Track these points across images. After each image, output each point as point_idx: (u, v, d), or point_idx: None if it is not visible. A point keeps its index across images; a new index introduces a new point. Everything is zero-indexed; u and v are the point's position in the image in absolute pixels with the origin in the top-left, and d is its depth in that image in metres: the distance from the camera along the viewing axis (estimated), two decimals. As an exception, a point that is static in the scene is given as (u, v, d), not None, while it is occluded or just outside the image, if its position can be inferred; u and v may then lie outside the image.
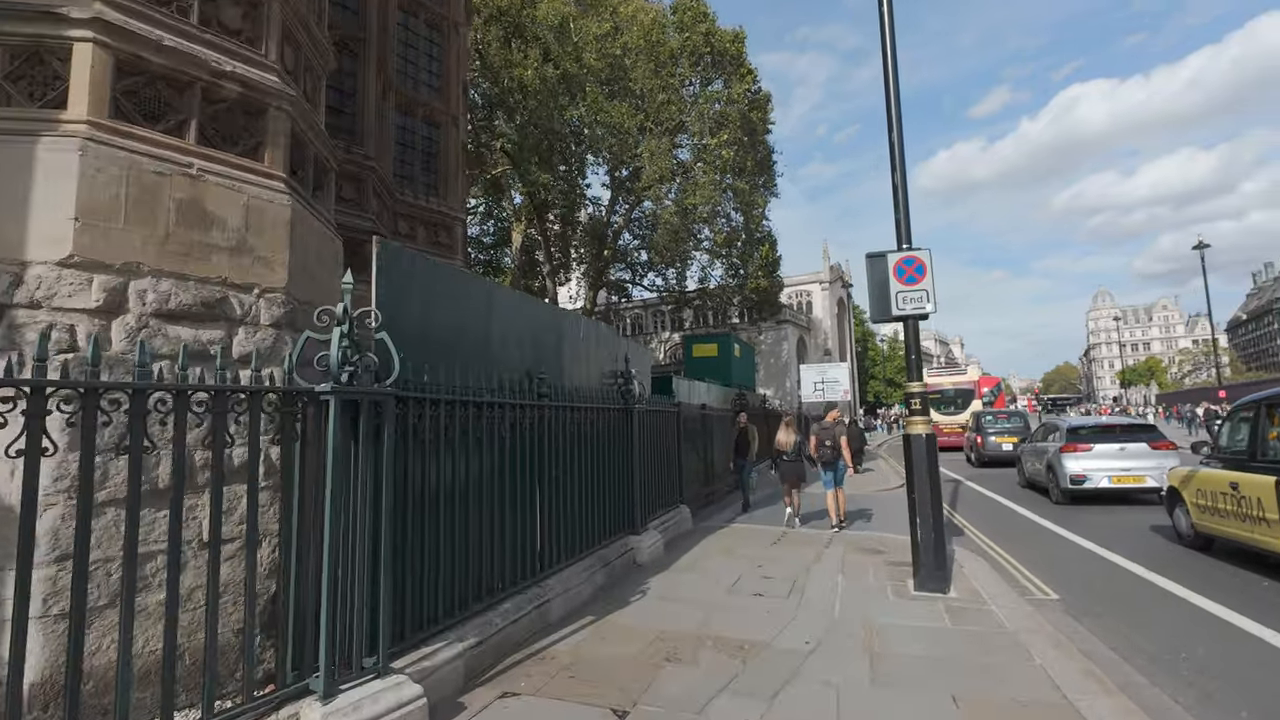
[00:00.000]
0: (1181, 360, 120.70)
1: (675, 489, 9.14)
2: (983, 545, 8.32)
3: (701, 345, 30.75)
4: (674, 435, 9.37)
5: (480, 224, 45.70)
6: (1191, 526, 7.33)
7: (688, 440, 10.46)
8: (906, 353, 5.84)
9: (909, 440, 5.74)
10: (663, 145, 28.56)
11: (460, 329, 4.42)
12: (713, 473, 12.09)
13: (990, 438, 18.43)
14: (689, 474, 10.26)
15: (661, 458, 8.53)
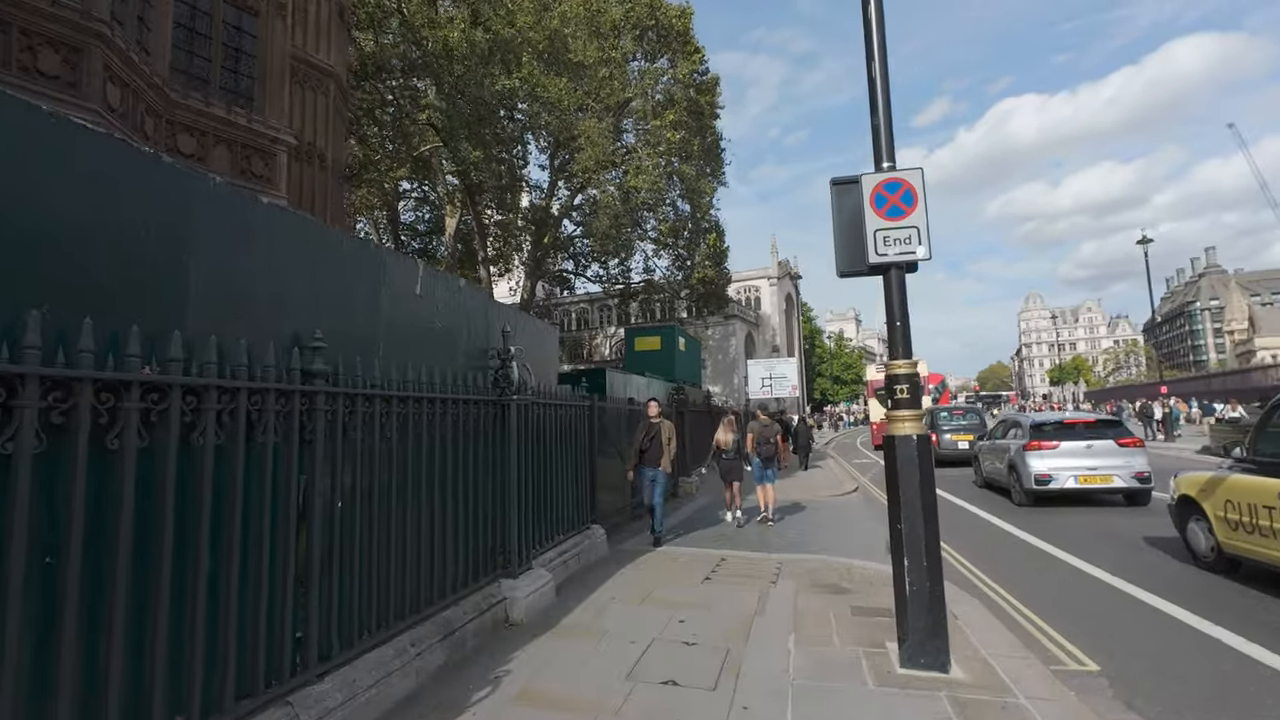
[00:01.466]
0: (1106, 359, 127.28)
1: (585, 505, 7.19)
2: (965, 572, 6.69)
3: (644, 338, 28.87)
4: (586, 437, 7.41)
5: (415, 210, 42.69)
6: (1215, 546, 5.89)
7: (609, 443, 8.52)
8: (890, 319, 4.04)
9: (892, 444, 3.94)
10: (604, 126, 26.49)
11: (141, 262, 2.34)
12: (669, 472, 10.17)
13: (946, 436, 17.28)
14: (607, 485, 8.33)
15: (564, 467, 6.56)
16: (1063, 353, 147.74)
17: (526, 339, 6.37)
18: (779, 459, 9.87)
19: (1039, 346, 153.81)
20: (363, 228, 37.50)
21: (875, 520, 9.71)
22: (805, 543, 8.08)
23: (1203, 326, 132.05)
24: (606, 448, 8.66)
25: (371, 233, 37.34)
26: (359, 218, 35.54)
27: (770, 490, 9.66)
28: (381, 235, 37.24)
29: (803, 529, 9.07)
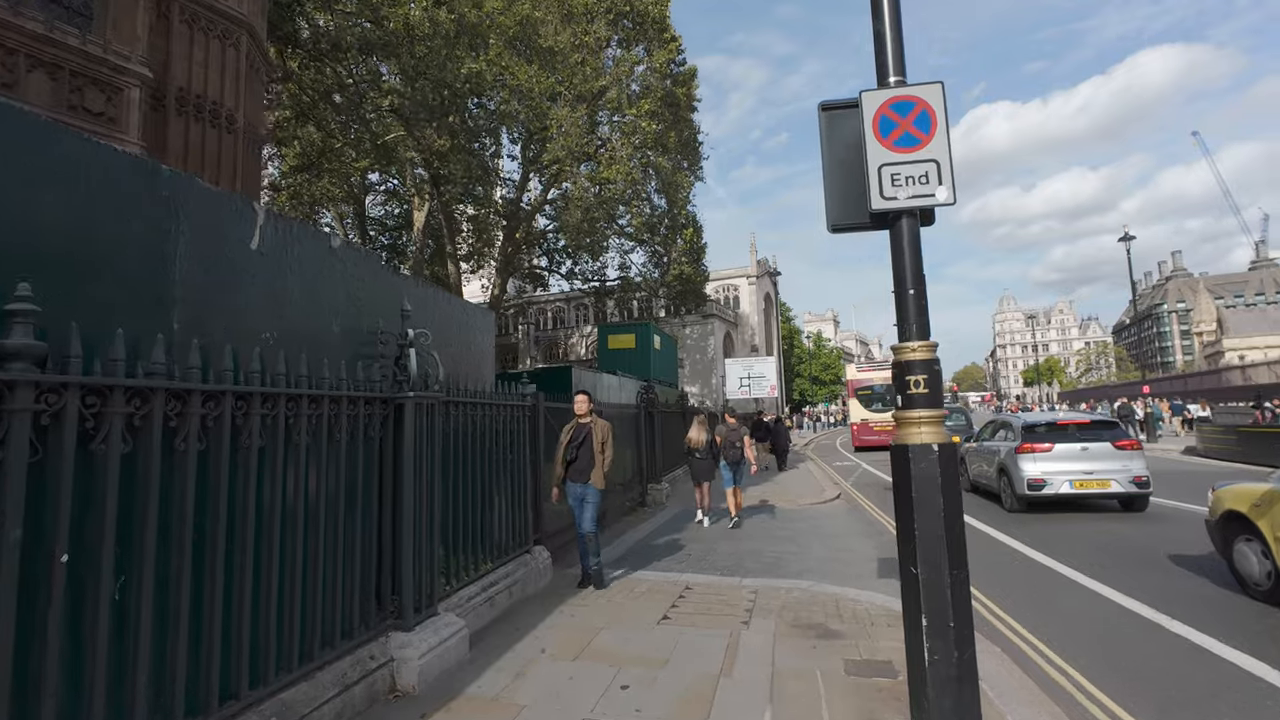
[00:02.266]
0: (1079, 361, 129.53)
1: (525, 525, 6.04)
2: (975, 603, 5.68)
3: (617, 336, 27.68)
4: (527, 443, 6.26)
5: (384, 205, 41.11)
6: (1273, 572, 4.95)
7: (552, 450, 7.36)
8: (899, 286, 2.97)
9: (905, 458, 2.86)
10: (577, 115, 25.29)
11: None
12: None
13: (930, 437, 16.42)
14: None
15: (496, 480, 5.41)
16: (1036, 354, 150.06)
17: (448, 325, 5.21)
18: (747, 461, 9.77)
19: (1013, 348, 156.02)
20: (326, 222, 35.84)
21: (863, 535, 8.71)
22: (784, 562, 7.02)
23: (1170, 328, 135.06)
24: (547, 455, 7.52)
25: (336, 227, 35.70)
26: (323, 210, 33.81)
27: (738, 494, 9.55)
28: (348, 230, 35.60)
29: (782, 544, 8.02)
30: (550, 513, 6.96)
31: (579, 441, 6.03)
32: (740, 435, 9.82)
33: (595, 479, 5.95)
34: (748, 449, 9.82)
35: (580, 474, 5.98)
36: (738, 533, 8.92)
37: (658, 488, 11.86)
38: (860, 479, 15.89)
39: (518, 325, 56.96)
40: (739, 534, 8.82)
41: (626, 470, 11.17)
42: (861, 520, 9.95)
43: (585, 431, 6.07)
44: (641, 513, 10.86)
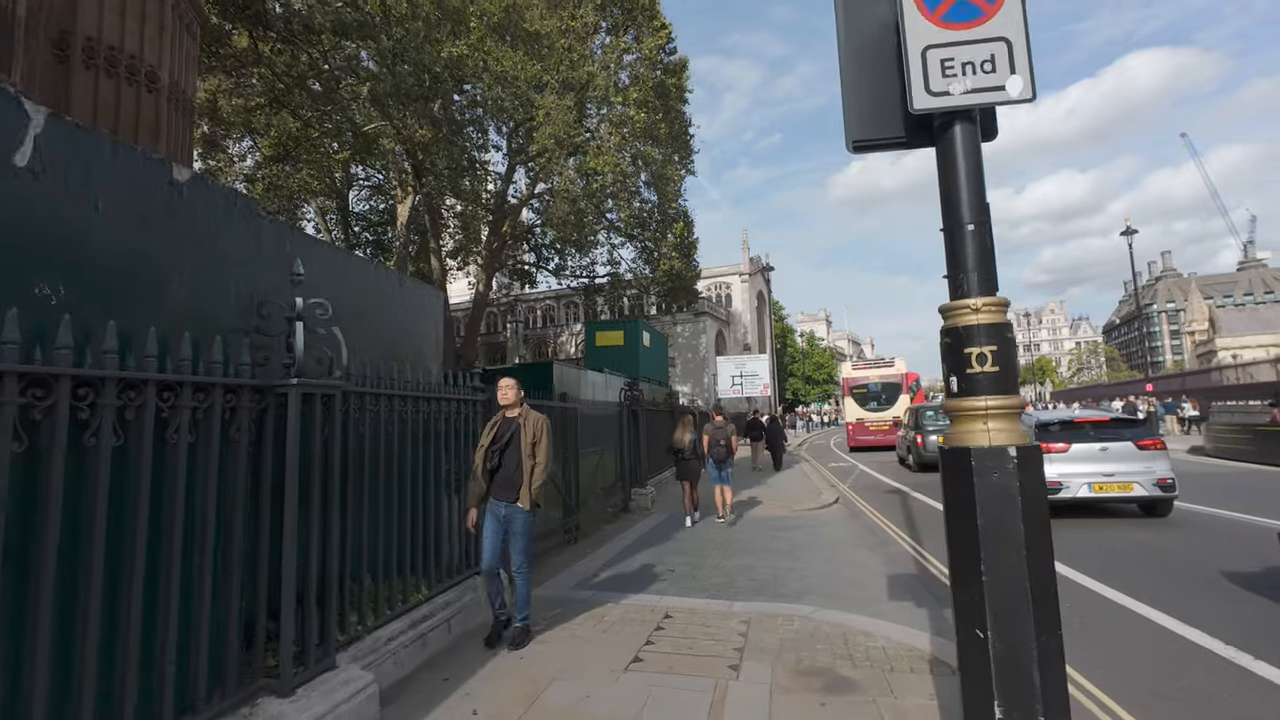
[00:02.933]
0: (1071, 360, 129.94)
1: (464, 545, 5.09)
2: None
3: (605, 332, 26.77)
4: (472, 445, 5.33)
5: (368, 199, 40.05)
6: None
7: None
8: (951, 221, 2.07)
9: (963, 465, 1.94)
10: (565, 103, 24.32)
11: None
12: (574, 497, 8.12)
13: (931, 437, 15.60)
14: None
15: (432, 490, 4.48)
16: (1027, 353, 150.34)
17: (371, 299, 4.28)
18: (731, 455, 9.71)
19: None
20: (309, 218, 34.75)
21: (866, 545, 7.82)
22: (781, 580, 6.12)
23: (1159, 328, 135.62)
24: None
25: (318, 222, 34.61)
26: (303, 203, 32.61)
27: (727, 491, 9.55)
28: (331, 227, 34.49)
29: (777, 558, 7.12)
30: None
31: (503, 443, 4.40)
32: (727, 433, 9.75)
33: (521, 497, 4.31)
34: (734, 446, 9.80)
35: (505, 488, 4.33)
36: (728, 543, 8.03)
37: (642, 492, 10.95)
38: (858, 481, 15.05)
39: (506, 323, 55.87)
40: (729, 544, 7.92)
41: (608, 475, 10.25)
42: (862, 528, 9.07)
43: (513, 429, 4.44)
44: (624, 520, 9.94)
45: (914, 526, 8.99)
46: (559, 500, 7.63)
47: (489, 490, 4.38)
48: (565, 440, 7.96)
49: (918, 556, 7.19)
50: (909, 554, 7.36)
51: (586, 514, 8.67)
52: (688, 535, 8.66)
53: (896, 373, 25.27)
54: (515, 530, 4.30)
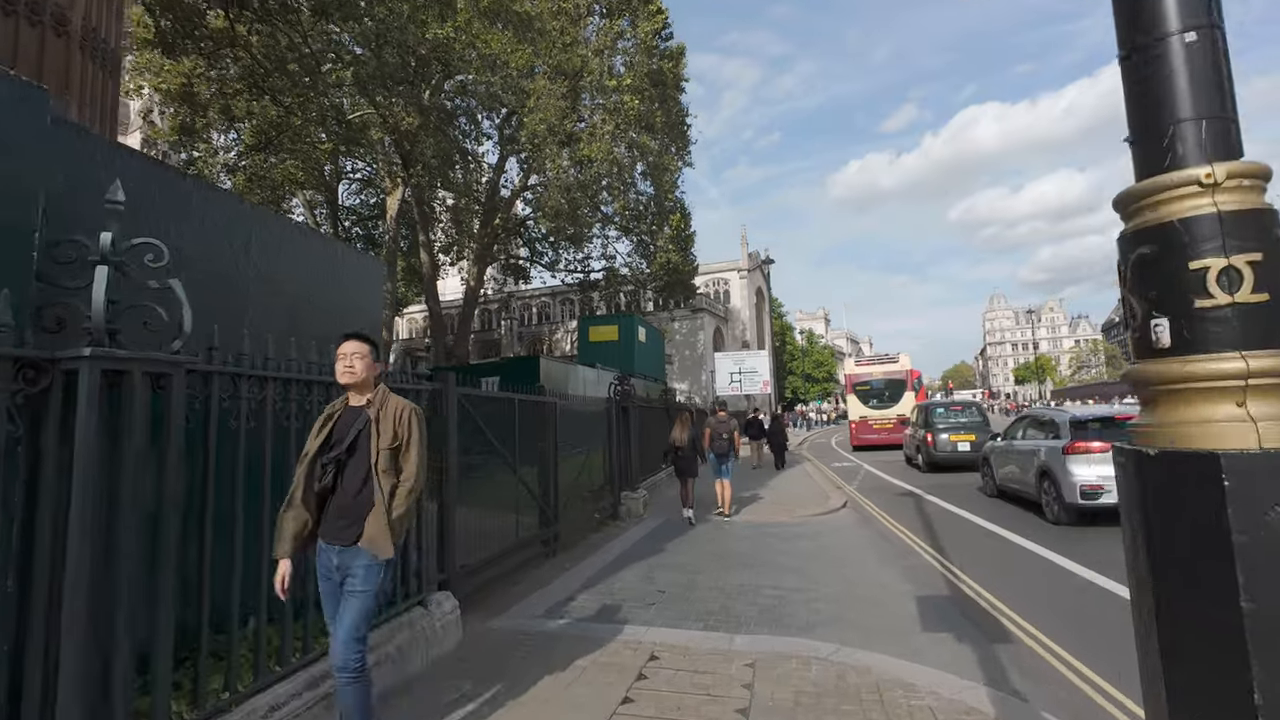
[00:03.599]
0: (1072, 358, 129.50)
1: (418, 562, 4.16)
2: (1063, 669, 3.87)
3: (599, 328, 25.86)
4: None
5: (359, 193, 39.11)
6: None
7: (480, 454, 5.51)
8: (1140, 27, 1.12)
9: (1208, 479, 0.99)
10: (556, 87, 23.33)
11: None
12: (553, 505, 7.17)
13: (942, 435, 14.70)
14: (494, 506, 5.34)
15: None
16: (1026, 352, 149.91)
17: (280, 257, 3.35)
18: (735, 451, 9.87)
19: (1003, 346, 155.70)
20: (297, 210, 33.74)
21: (883, 557, 6.89)
22: (789, 604, 5.20)
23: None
24: (487, 457, 5.67)
25: (307, 216, 33.60)
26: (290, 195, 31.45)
27: (728, 486, 9.64)
28: (320, 221, 33.49)
29: (783, 573, 6.19)
30: (471, 535, 5.10)
31: (346, 445, 2.65)
32: (729, 428, 9.78)
33: (375, 534, 2.57)
34: (736, 441, 9.82)
35: (341, 522, 2.62)
36: (727, 555, 7.11)
37: (633, 496, 10.01)
38: (865, 483, 14.14)
39: (500, 320, 54.87)
40: (728, 556, 7.00)
41: (595, 477, 9.33)
42: (876, 536, 8.15)
43: (358, 426, 2.69)
44: (612, 528, 9.01)
45: (934, 535, 8.07)
46: (535, 507, 6.69)
47: (317, 525, 2.66)
48: (544, 440, 7.03)
49: (945, 572, 6.27)
50: (934, 569, 6.44)
51: (569, 521, 7.75)
52: (682, 545, 7.74)
53: (901, 369, 24.37)
54: (352, 589, 2.57)
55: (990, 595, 5.43)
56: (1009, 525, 8.32)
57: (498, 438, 5.75)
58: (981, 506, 9.97)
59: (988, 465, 10.91)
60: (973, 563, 6.54)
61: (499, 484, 5.82)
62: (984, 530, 8.28)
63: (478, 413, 5.27)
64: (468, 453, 5.15)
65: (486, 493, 5.58)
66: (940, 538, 7.88)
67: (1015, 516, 8.93)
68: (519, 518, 6.05)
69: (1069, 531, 7.77)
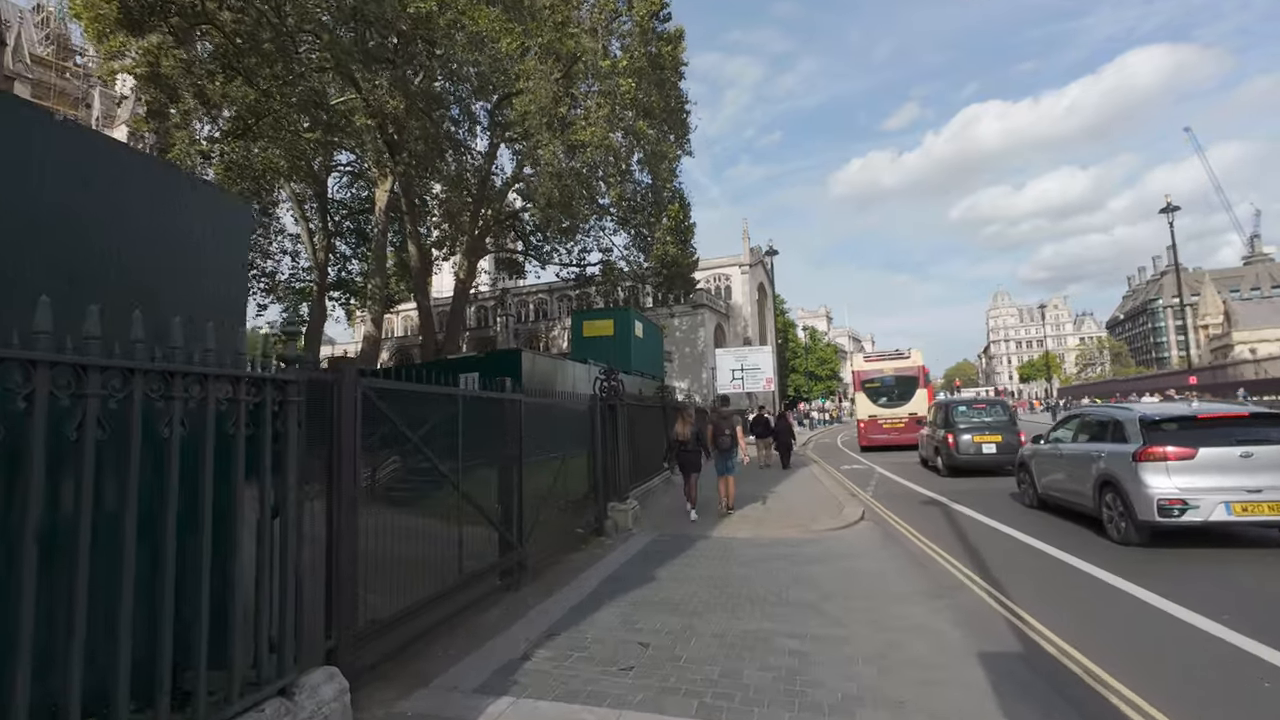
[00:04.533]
0: (1079, 356, 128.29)
1: (277, 635, 2.84)
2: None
3: (594, 322, 24.51)
4: (284, 465, 3.07)
5: (349, 186, 37.89)
6: None
7: (409, 466, 4.20)
8: None
9: None
10: (547, 68, 21.97)
11: None
12: (517, 526, 5.85)
13: (964, 436, 13.38)
14: (388, 554, 3.99)
15: (144, 549, 2.23)
16: (1030, 349, 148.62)
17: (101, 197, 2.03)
18: (740, 451, 9.91)
19: (1006, 344, 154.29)
20: (284, 203, 32.41)
21: (927, 593, 5.55)
22: (814, 667, 3.88)
23: (1165, 324, 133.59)
24: (418, 469, 4.36)
25: (293, 208, 32.23)
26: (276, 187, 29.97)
27: (731, 482, 9.64)
28: (310, 215, 32.15)
29: (802, 616, 4.89)
30: (389, 574, 3.80)
31: None
32: (732, 424, 9.77)
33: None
34: (740, 438, 9.81)
35: None
36: (730, 585, 5.80)
37: (622, 508, 8.70)
38: (881, 488, 12.83)
39: (496, 317, 53.59)
40: (732, 587, 5.69)
41: (577, 486, 8.03)
42: (908, 559, 6.83)
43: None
44: (595, 547, 7.71)
45: (977, 557, 6.75)
46: (491, 531, 5.38)
47: None
48: (507, 446, 5.73)
49: (1007, 615, 4.96)
50: (991, 609, 5.12)
51: (543, 541, 6.45)
52: (677, 570, 6.43)
53: (912, 365, 23.04)
54: None
55: (1078, 653, 4.11)
56: (1064, 545, 7.01)
57: (437, 444, 4.45)
58: (1023, 519, 8.66)
59: (1025, 471, 9.60)
60: (1038, 600, 5.23)
61: (435, 504, 4.52)
62: (1035, 551, 6.97)
63: (398, 412, 3.97)
64: (386, 465, 3.85)
65: (415, 516, 4.28)
66: (986, 561, 6.57)
67: (1068, 533, 7.63)
68: (464, 547, 4.73)
69: (1142, 555, 6.46)
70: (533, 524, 6.21)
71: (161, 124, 22.08)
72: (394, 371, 20.26)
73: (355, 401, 3.43)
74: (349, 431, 3.36)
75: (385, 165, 25.62)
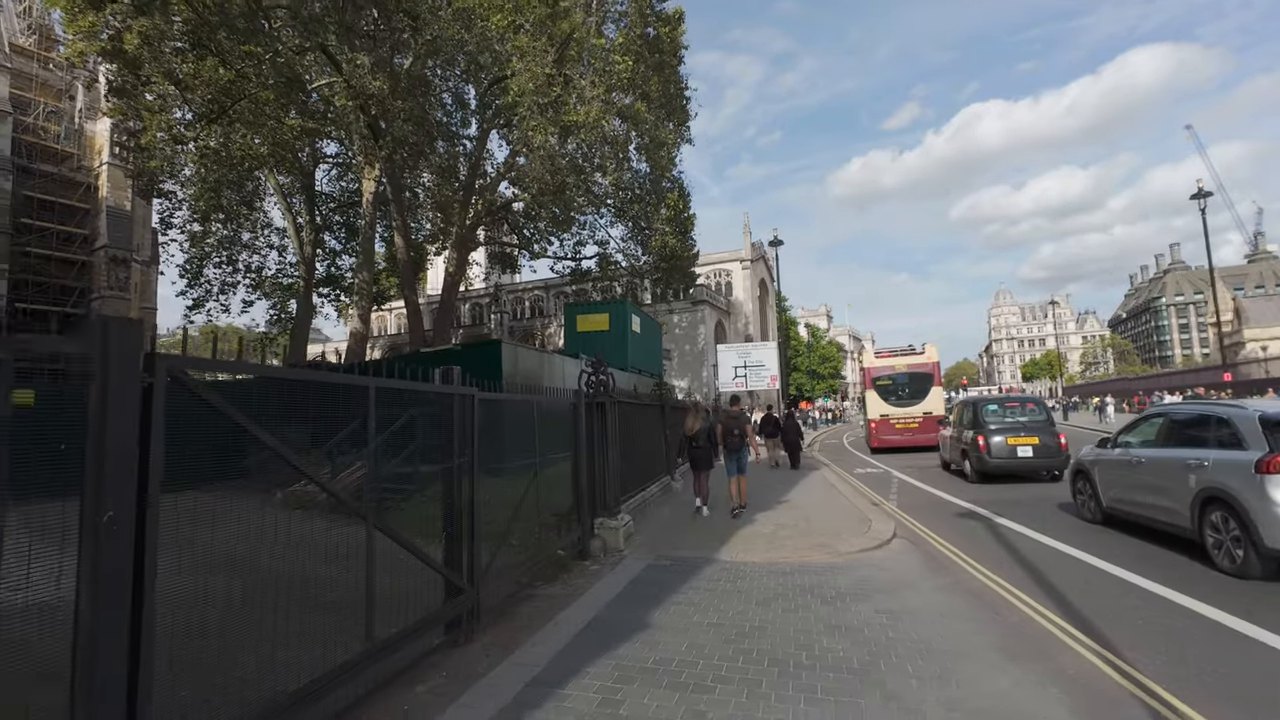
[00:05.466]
0: (1085, 353, 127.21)
1: None
2: None
3: (588, 316, 23.10)
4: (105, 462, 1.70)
5: (341, 178, 36.45)
6: None
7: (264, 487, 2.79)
8: None
9: None
10: (539, 45, 20.54)
11: None
12: (469, 563, 4.44)
13: (997, 438, 11.98)
14: (229, 637, 2.58)
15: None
16: (1032, 348, 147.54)
17: None
18: (749, 449, 9.78)
19: (1008, 343, 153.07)
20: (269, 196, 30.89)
21: (1013, 653, 4.08)
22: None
23: (1168, 322, 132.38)
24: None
25: (279, 200, 30.70)
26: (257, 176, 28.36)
27: (743, 481, 9.36)
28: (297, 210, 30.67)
29: (851, 692, 3.50)
30: (239, 654, 2.41)
31: None
32: (741, 423, 9.64)
33: None
34: (750, 436, 9.81)
35: None
36: (747, 637, 4.42)
37: (611, 525, 7.31)
38: (905, 497, 11.45)
39: (490, 314, 52.16)
40: (749, 639, 4.32)
41: (555, 499, 6.66)
42: (966, 594, 5.44)
43: None
44: (577, 574, 6.31)
45: (1057, 595, 5.36)
46: (427, 573, 3.99)
47: None
48: (452, 457, 4.34)
49: (1138, 692, 3.57)
50: (1113, 683, 3.72)
51: (512, 568, 5.07)
52: (676, 612, 5.05)
53: (927, 361, 21.65)
54: None
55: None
56: (1161, 577, 5.63)
57: (339, 457, 3.07)
58: (1089, 539, 7.28)
59: (1084, 480, 8.21)
60: (1169, 664, 3.85)
61: (327, 542, 3.12)
62: (1127, 585, 5.57)
63: (267, 410, 2.58)
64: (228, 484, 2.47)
65: (288, 561, 2.89)
66: (1070, 600, 5.18)
67: (1155, 560, 6.25)
68: (375, 604, 3.33)
69: (1268, 590, 5.09)
70: (492, 554, 4.82)
71: (128, 103, 20.61)
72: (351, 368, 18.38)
73: (140, 391, 2.03)
74: (121, 437, 1.97)
75: (371, 153, 24.22)
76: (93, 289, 43.23)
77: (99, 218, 43.21)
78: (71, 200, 41.14)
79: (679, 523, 8.97)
